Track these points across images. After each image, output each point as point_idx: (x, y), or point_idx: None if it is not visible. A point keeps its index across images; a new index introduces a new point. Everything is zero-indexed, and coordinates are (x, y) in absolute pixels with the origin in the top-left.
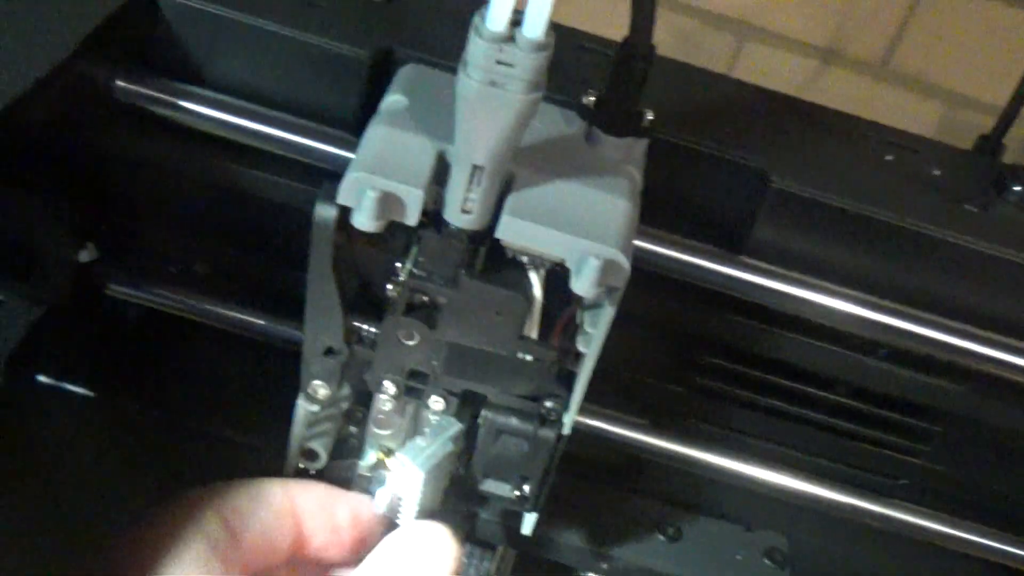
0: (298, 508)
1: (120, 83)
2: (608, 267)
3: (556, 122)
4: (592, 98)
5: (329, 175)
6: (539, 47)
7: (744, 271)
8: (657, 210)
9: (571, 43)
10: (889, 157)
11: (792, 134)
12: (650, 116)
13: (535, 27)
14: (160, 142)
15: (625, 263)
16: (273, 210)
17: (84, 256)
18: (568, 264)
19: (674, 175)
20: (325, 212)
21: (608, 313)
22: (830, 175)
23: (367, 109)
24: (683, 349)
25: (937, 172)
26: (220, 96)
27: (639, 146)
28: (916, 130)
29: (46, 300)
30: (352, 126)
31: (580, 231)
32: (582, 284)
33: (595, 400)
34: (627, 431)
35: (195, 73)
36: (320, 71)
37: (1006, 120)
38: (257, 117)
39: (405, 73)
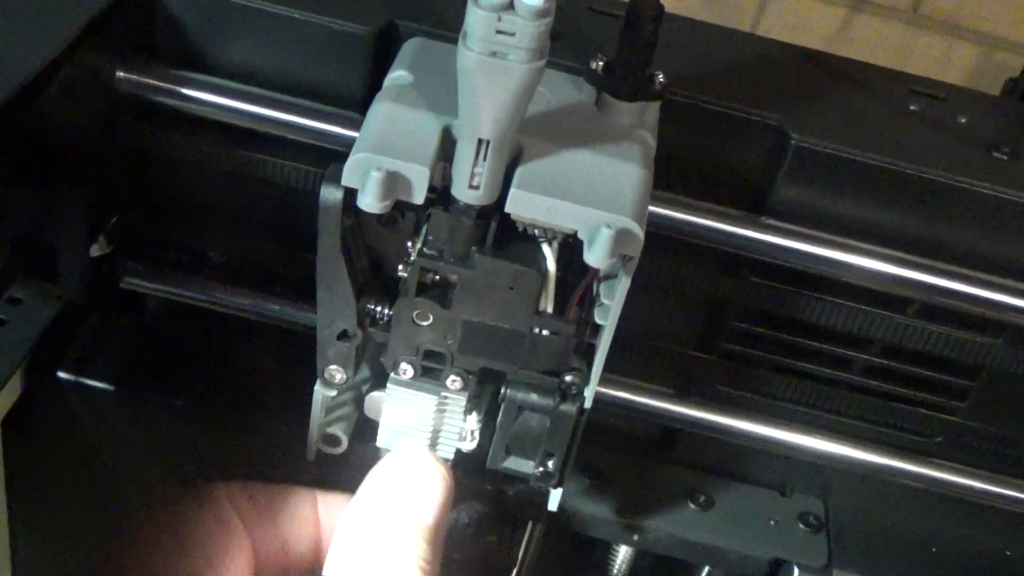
0: (321, 521)
1: (122, 73)
2: (621, 236)
3: (565, 90)
4: (601, 63)
5: (338, 156)
6: (539, 13)
7: (767, 233)
8: (676, 173)
9: (581, 6)
10: (914, 107)
11: (812, 88)
12: (661, 78)
13: None
14: (165, 131)
15: (639, 231)
16: (286, 194)
17: (96, 250)
18: (580, 235)
19: (691, 136)
20: (331, 195)
21: (624, 284)
22: (852, 129)
23: (374, 86)
24: (709, 315)
25: (964, 120)
26: (223, 82)
27: (652, 110)
28: (950, 75)
29: (62, 296)
30: (360, 104)
31: (591, 201)
32: (595, 255)
33: (622, 370)
34: (655, 400)
35: (199, 60)
36: (324, 50)
37: None
38: (262, 101)
39: (409, 47)
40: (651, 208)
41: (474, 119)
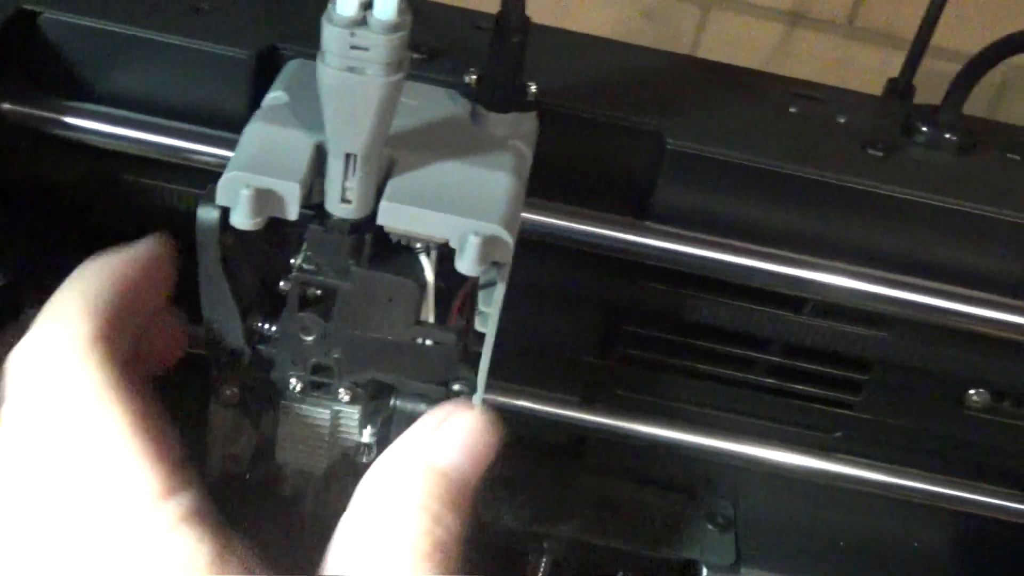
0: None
1: (7, 105)
2: (490, 243)
3: (441, 104)
4: (474, 76)
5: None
6: (392, 28)
7: (651, 236)
8: (562, 181)
9: (467, 24)
10: (793, 109)
11: (692, 95)
12: (533, 89)
13: (386, 8)
14: (56, 161)
15: (507, 238)
16: (184, 219)
17: None
18: (452, 244)
19: (570, 145)
20: (207, 214)
21: (500, 291)
22: (728, 132)
23: (256, 109)
24: (606, 320)
25: (842, 119)
26: (106, 109)
27: (526, 120)
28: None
29: None
30: (241, 127)
31: (459, 210)
32: (465, 263)
33: (526, 380)
34: (559, 409)
35: (85, 88)
36: (206, 75)
37: (914, 60)
38: (148, 127)
39: (289, 69)
40: (538, 217)
41: (339, 134)
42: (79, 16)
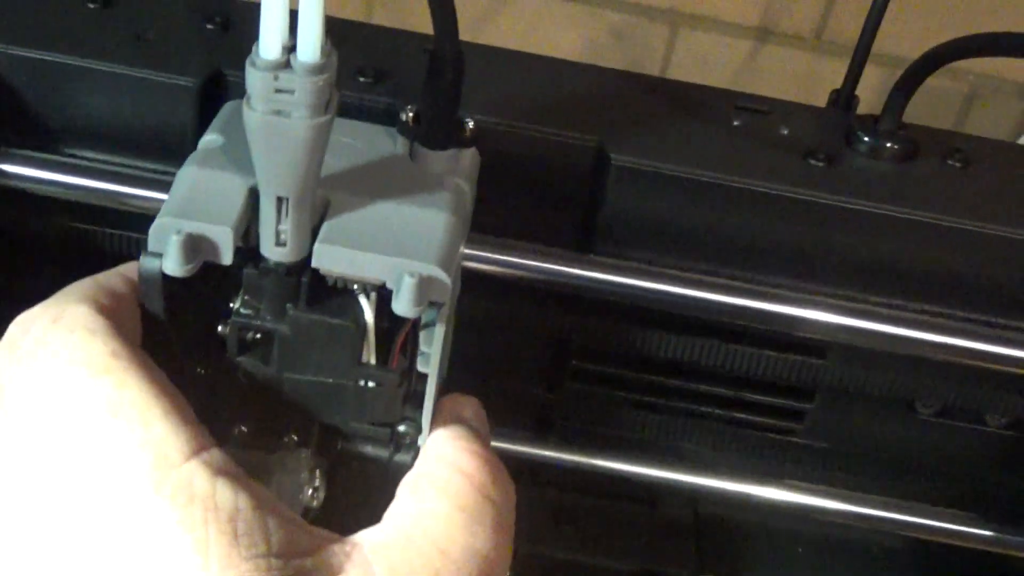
0: None
1: None
2: (426, 283)
3: (379, 142)
4: (411, 114)
5: None
6: (316, 70)
7: (592, 269)
8: (503, 205)
9: (414, 47)
10: (737, 122)
11: (632, 110)
12: (471, 124)
13: (308, 50)
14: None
15: (444, 278)
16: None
17: None
18: (389, 285)
19: (511, 165)
20: (149, 263)
21: (440, 331)
22: (671, 145)
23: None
24: (553, 353)
25: (785, 131)
26: (41, 155)
27: (466, 156)
28: (862, 95)
29: None
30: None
31: (394, 250)
32: (402, 304)
33: None
34: (508, 444)
35: (29, 123)
36: (152, 104)
37: (855, 72)
38: (82, 172)
39: (225, 111)
40: (482, 252)
41: (269, 177)
42: (22, 48)
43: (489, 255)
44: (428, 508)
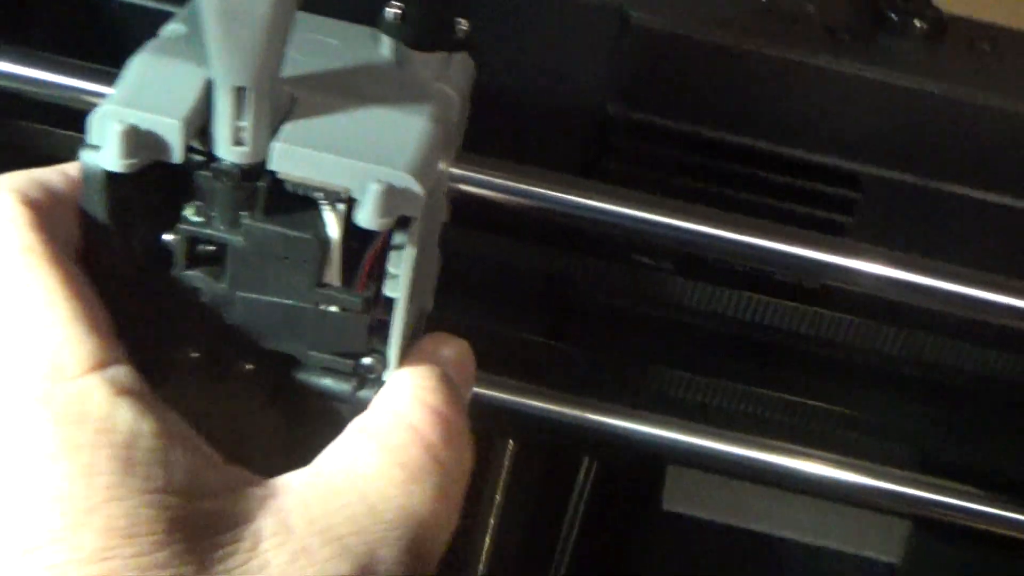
0: None
1: None
2: (394, 193)
3: (361, 43)
4: (397, 11)
5: None
6: None
7: (598, 198)
8: (504, 123)
9: None
10: None
11: None
12: (464, 25)
13: None
14: None
15: (416, 188)
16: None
17: None
18: (354, 194)
19: (525, 30)
20: (89, 158)
21: (409, 250)
22: (695, 13)
23: None
24: (551, 294)
25: (812, 8)
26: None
27: (458, 61)
28: None
29: None
30: None
31: (361, 154)
32: (365, 215)
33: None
34: (497, 393)
35: None
36: None
37: None
38: (26, 60)
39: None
40: (472, 174)
41: (224, 63)
42: None
43: (483, 177)
44: (364, 459)
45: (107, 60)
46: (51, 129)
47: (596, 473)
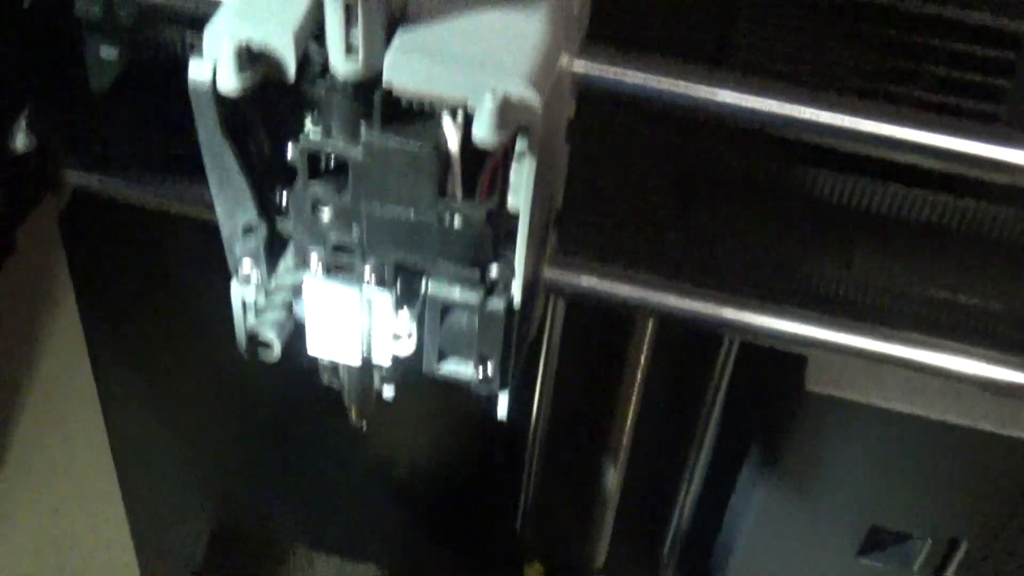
0: None
1: None
2: (510, 105)
3: None
4: None
5: None
6: None
7: (730, 88)
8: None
9: None
10: None
11: None
12: None
13: None
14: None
15: (534, 98)
16: None
17: (21, 143)
18: (471, 105)
19: None
20: (199, 74)
21: (530, 161)
22: None
23: None
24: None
25: None
26: None
27: None
28: None
29: None
30: None
31: (478, 63)
32: (481, 128)
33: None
34: (632, 288)
35: None
36: None
37: None
38: None
39: None
40: (600, 74)
41: None
42: None
43: (610, 72)
44: None
45: None
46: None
47: (737, 353)
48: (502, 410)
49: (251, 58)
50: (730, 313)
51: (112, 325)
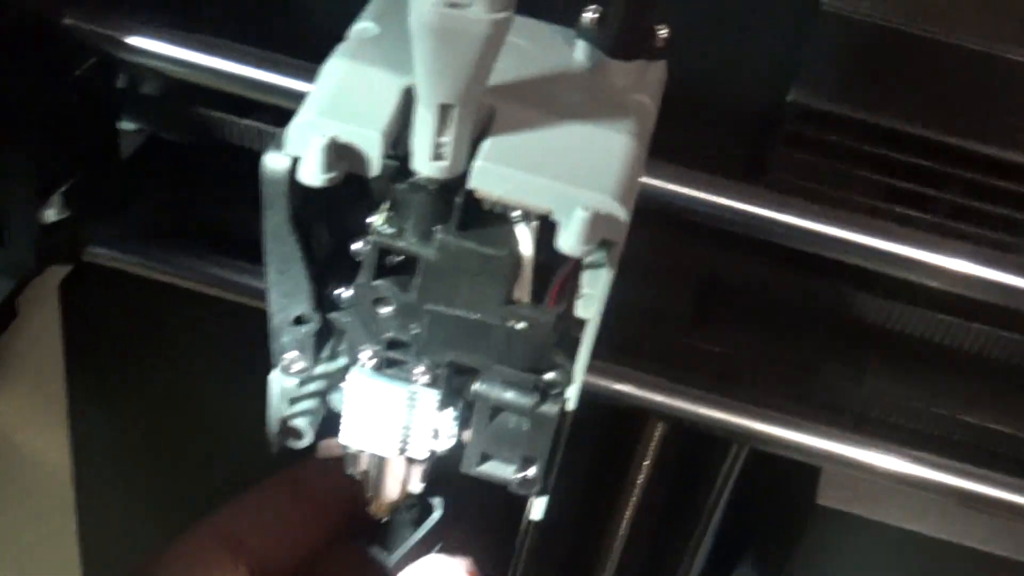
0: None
1: (69, 20)
2: (599, 219)
3: (555, 47)
4: (595, 15)
5: None
6: None
7: (764, 206)
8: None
9: None
10: None
11: None
12: (664, 33)
13: None
14: (123, 84)
15: (621, 213)
16: (251, 157)
17: (51, 215)
18: (555, 216)
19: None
20: (275, 164)
21: (607, 274)
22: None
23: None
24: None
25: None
26: (182, 33)
27: (654, 70)
28: None
29: (13, 268)
30: None
31: (567, 177)
32: (569, 240)
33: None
34: (642, 391)
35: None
36: None
37: None
38: (225, 52)
39: None
40: (657, 183)
41: (433, 82)
42: None
43: (666, 187)
44: None
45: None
46: (226, 116)
47: (745, 460)
48: (537, 513)
49: (339, 154)
50: (741, 420)
51: (99, 394)
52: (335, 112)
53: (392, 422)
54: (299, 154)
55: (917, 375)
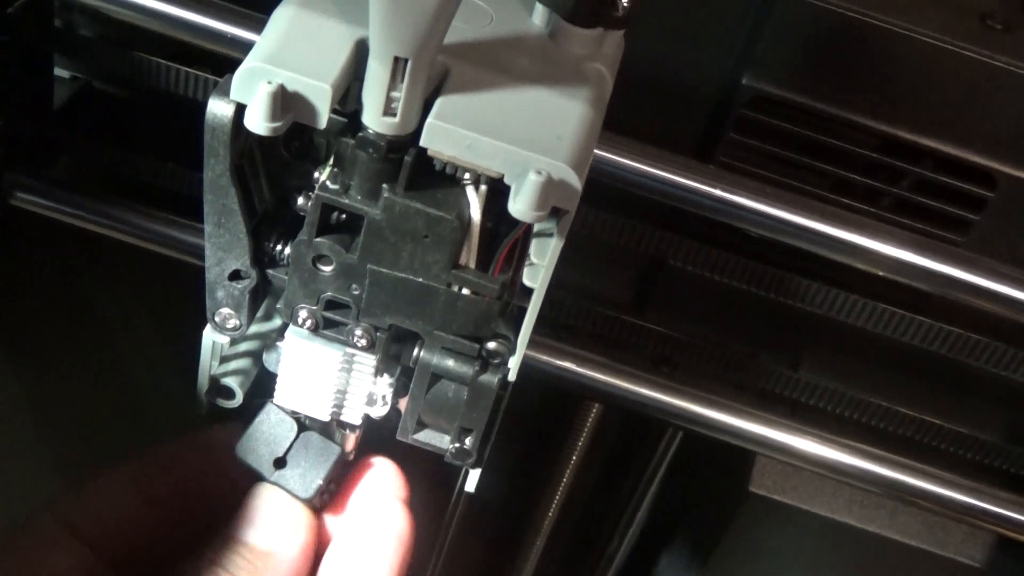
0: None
1: None
2: (553, 185)
3: (516, 13)
4: None
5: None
6: None
7: (716, 185)
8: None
9: None
10: None
11: None
12: (626, 2)
13: None
14: (56, 25)
15: (575, 181)
16: (191, 107)
17: None
18: (507, 180)
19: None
20: (219, 110)
21: (556, 243)
22: None
23: None
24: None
25: None
26: None
27: (611, 39)
28: None
29: None
30: None
31: (522, 140)
32: (520, 205)
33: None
34: (586, 370)
35: None
36: None
37: None
38: None
39: None
40: (611, 156)
41: (387, 33)
42: None
43: (618, 159)
44: None
45: None
46: (171, 64)
47: (679, 446)
48: (471, 485)
49: (285, 104)
50: (678, 402)
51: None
52: (284, 60)
53: (327, 384)
54: (245, 100)
55: (854, 366)
